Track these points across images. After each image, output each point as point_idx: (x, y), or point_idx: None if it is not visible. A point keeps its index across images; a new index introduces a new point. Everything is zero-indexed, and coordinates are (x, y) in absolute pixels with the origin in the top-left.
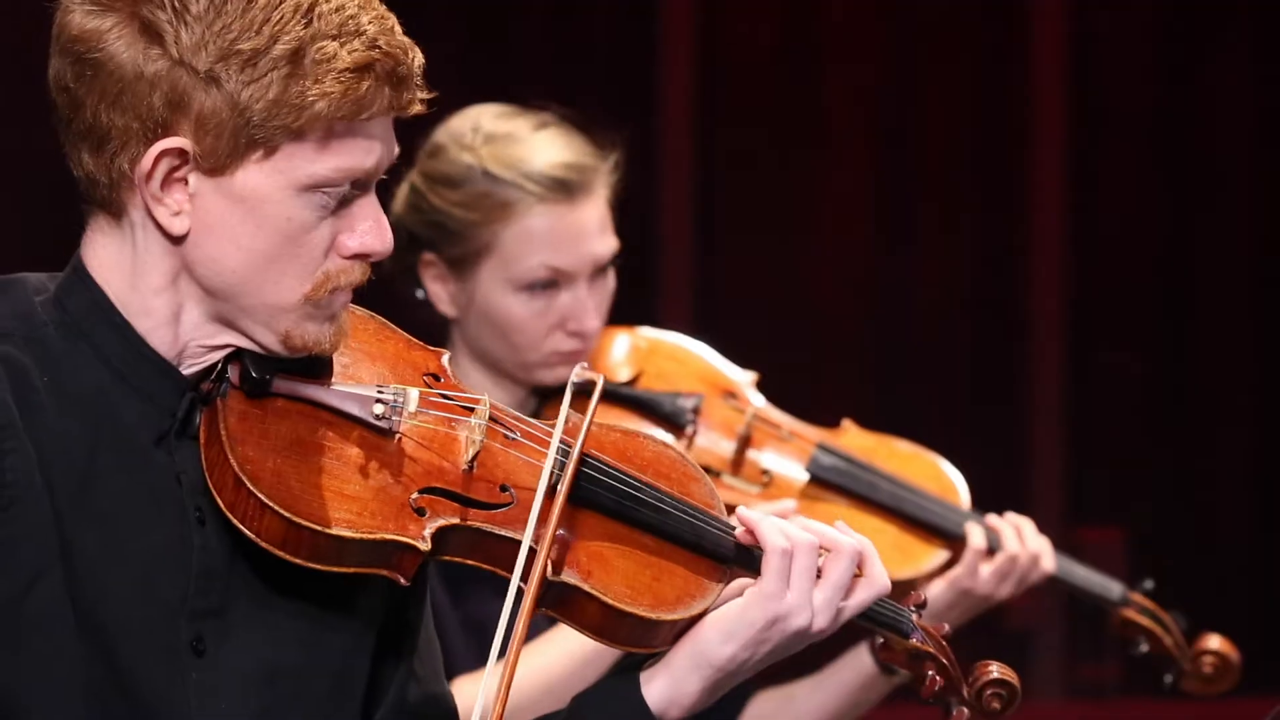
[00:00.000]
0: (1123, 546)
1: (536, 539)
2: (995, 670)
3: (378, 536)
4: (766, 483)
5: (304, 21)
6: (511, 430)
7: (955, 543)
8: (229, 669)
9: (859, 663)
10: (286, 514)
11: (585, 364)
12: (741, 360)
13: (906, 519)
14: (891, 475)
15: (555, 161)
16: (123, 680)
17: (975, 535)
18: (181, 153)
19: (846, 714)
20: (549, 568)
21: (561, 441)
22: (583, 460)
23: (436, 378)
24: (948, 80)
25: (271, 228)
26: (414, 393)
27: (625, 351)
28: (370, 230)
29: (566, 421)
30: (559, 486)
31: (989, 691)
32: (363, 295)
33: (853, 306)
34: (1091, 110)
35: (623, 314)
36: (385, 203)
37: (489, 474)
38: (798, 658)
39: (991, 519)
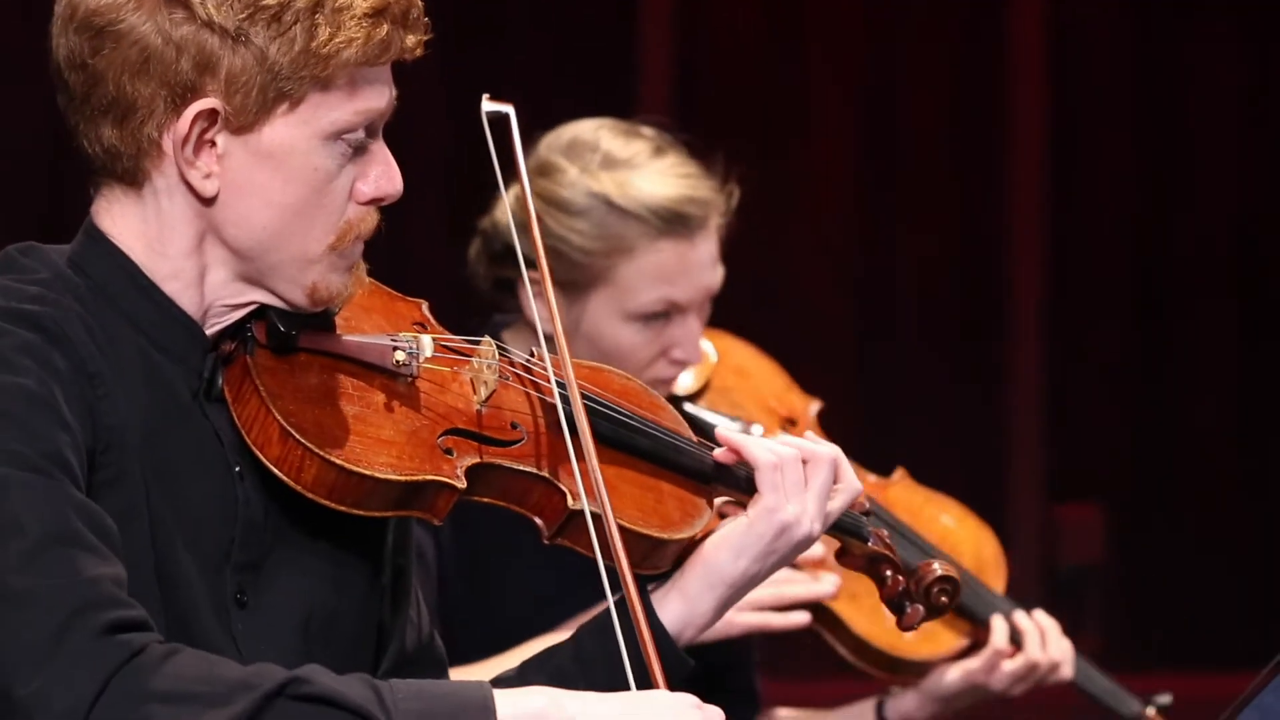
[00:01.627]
0: (1101, 524)
1: (583, 487)
2: (938, 567)
3: (419, 478)
4: None
5: None
6: (508, 371)
7: (979, 629)
8: (270, 618)
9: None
10: (337, 460)
11: (488, 95)
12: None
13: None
14: (930, 545)
15: (679, 196)
16: (185, 626)
17: (999, 634)
18: (212, 113)
19: None
20: (569, 498)
21: (557, 379)
22: (582, 396)
23: (423, 326)
24: (928, 64)
25: (300, 179)
26: (427, 339)
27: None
28: (383, 174)
29: (551, 353)
30: (561, 418)
31: (936, 589)
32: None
33: (833, 287)
34: (1071, 93)
35: None
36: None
37: (499, 413)
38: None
39: (1019, 616)
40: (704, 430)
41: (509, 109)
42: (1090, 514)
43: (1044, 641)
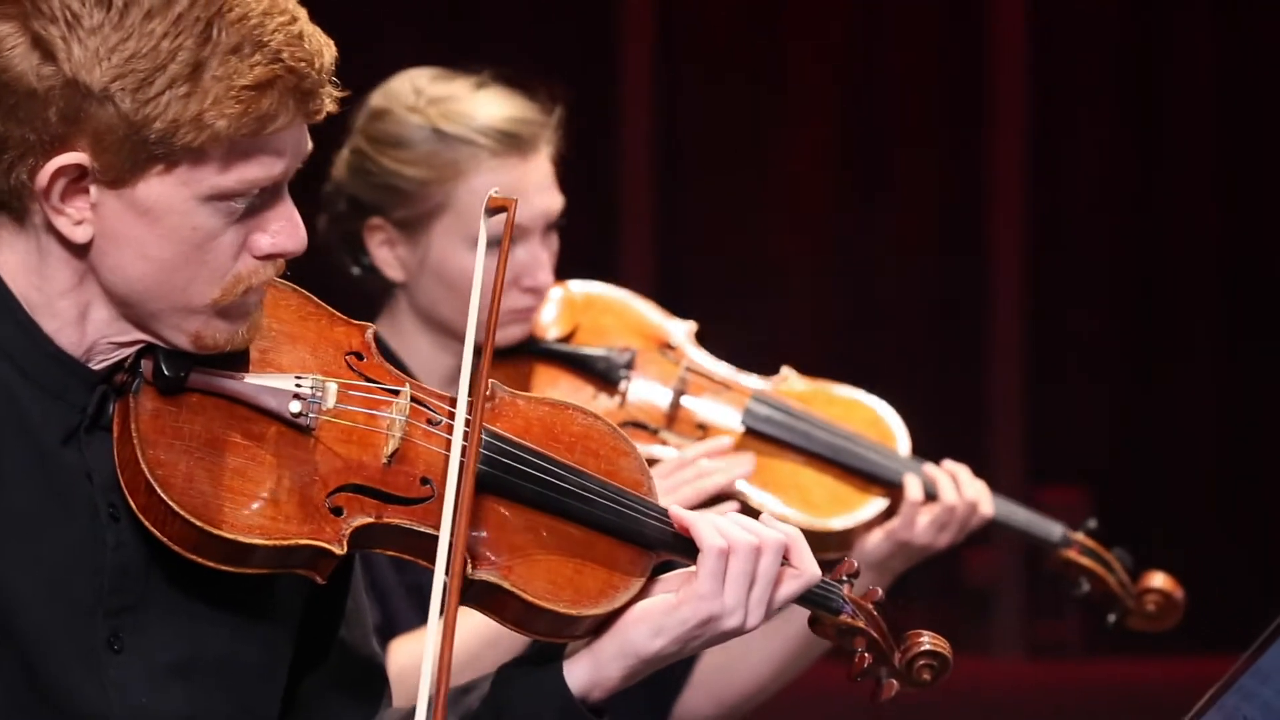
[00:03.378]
0: (1084, 507)
1: (446, 534)
2: (927, 641)
3: (290, 542)
4: (702, 436)
5: (203, 37)
6: (437, 415)
7: (894, 490)
8: (147, 664)
9: (801, 611)
10: (196, 522)
11: (496, 189)
12: (703, 313)
13: (843, 468)
14: (828, 423)
15: (504, 116)
16: (40, 684)
17: (912, 486)
18: (80, 167)
19: (798, 660)
20: (468, 565)
21: (471, 425)
22: (500, 450)
23: (360, 356)
24: (911, 35)
25: (177, 237)
26: (333, 386)
27: (559, 306)
28: (283, 230)
29: (477, 399)
30: (462, 478)
31: (920, 663)
32: (291, 269)
33: (814, 262)
34: (1053, 74)
35: (585, 268)
36: (323, 172)
37: (410, 466)
38: None
39: (928, 468)
40: (581, 364)
41: (512, 203)
42: (1074, 497)
43: (958, 484)
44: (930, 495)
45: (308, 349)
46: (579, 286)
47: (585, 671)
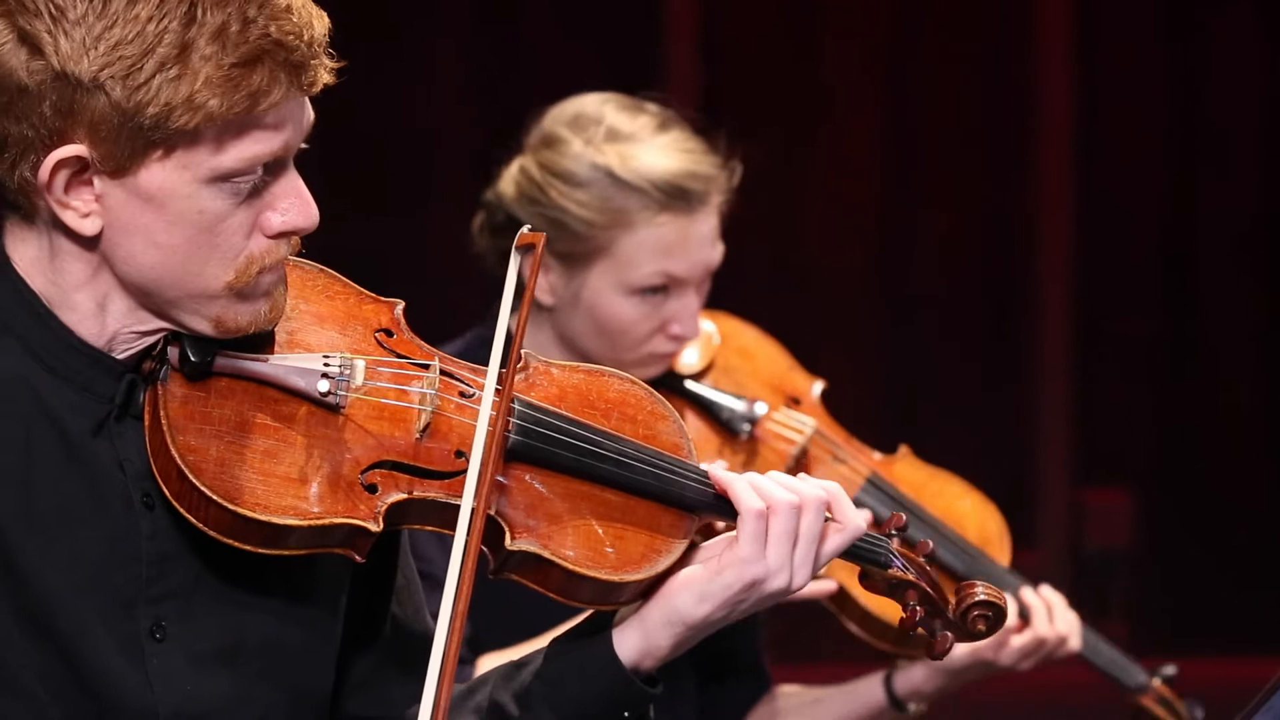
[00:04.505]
0: (1128, 508)
1: (481, 502)
2: (980, 591)
3: (326, 521)
4: None
5: (187, 18)
6: (469, 388)
7: None
8: (190, 651)
9: (872, 695)
10: (230, 506)
11: (529, 226)
12: (744, 312)
13: (942, 569)
14: (934, 519)
15: (681, 171)
16: (83, 678)
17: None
18: (80, 159)
19: None
20: (507, 535)
21: (503, 396)
22: (537, 420)
23: (390, 333)
24: (954, 43)
25: (184, 222)
26: (360, 364)
27: (699, 340)
28: (293, 207)
29: (506, 370)
30: (493, 447)
31: (975, 614)
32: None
33: (859, 267)
34: (1099, 77)
35: None
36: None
37: (443, 440)
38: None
39: (1025, 592)
40: (708, 408)
41: (541, 238)
42: (1117, 498)
43: (1051, 616)
44: (1023, 617)
45: (336, 328)
46: (722, 322)
47: (635, 641)
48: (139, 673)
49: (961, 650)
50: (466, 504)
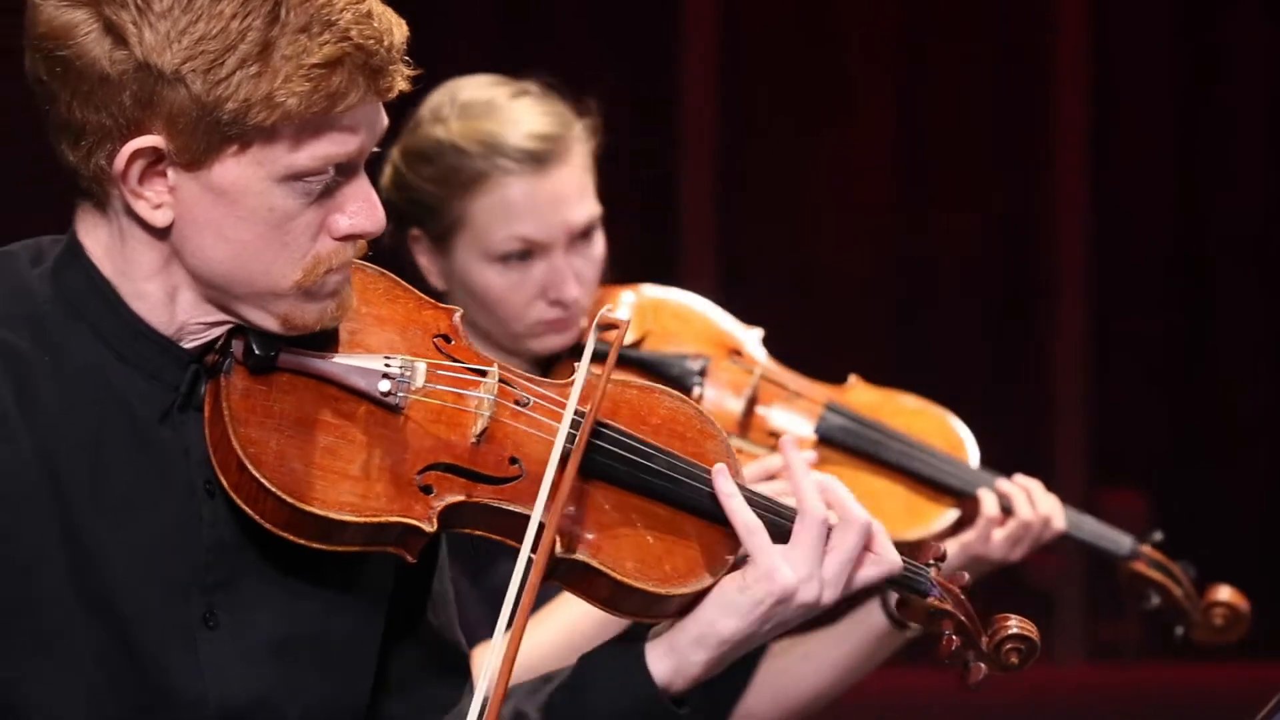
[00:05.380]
0: (1145, 511)
1: (547, 514)
2: (1014, 625)
3: (381, 519)
4: (775, 445)
5: (271, 17)
6: (525, 396)
7: (965, 501)
8: (242, 640)
9: (872, 619)
10: (288, 499)
11: (610, 306)
12: (763, 316)
13: (915, 478)
14: (899, 433)
15: (524, 133)
16: (136, 659)
17: (988, 501)
18: (155, 150)
19: (860, 667)
20: (557, 543)
21: (575, 410)
22: (595, 431)
23: (448, 339)
24: (970, 45)
25: (254, 218)
26: (421, 366)
27: (631, 311)
28: (360, 211)
29: (582, 386)
30: (569, 459)
31: (1008, 646)
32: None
33: (874, 269)
34: (1112, 73)
35: (647, 275)
36: (374, 179)
37: (498, 446)
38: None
39: (1001, 483)
40: (655, 370)
41: (626, 320)
42: (1134, 501)
43: (1031, 500)
44: (1004, 509)
45: (396, 331)
46: (650, 291)
47: (667, 660)
48: (191, 659)
49: (951, 550)
50: (536, 516)
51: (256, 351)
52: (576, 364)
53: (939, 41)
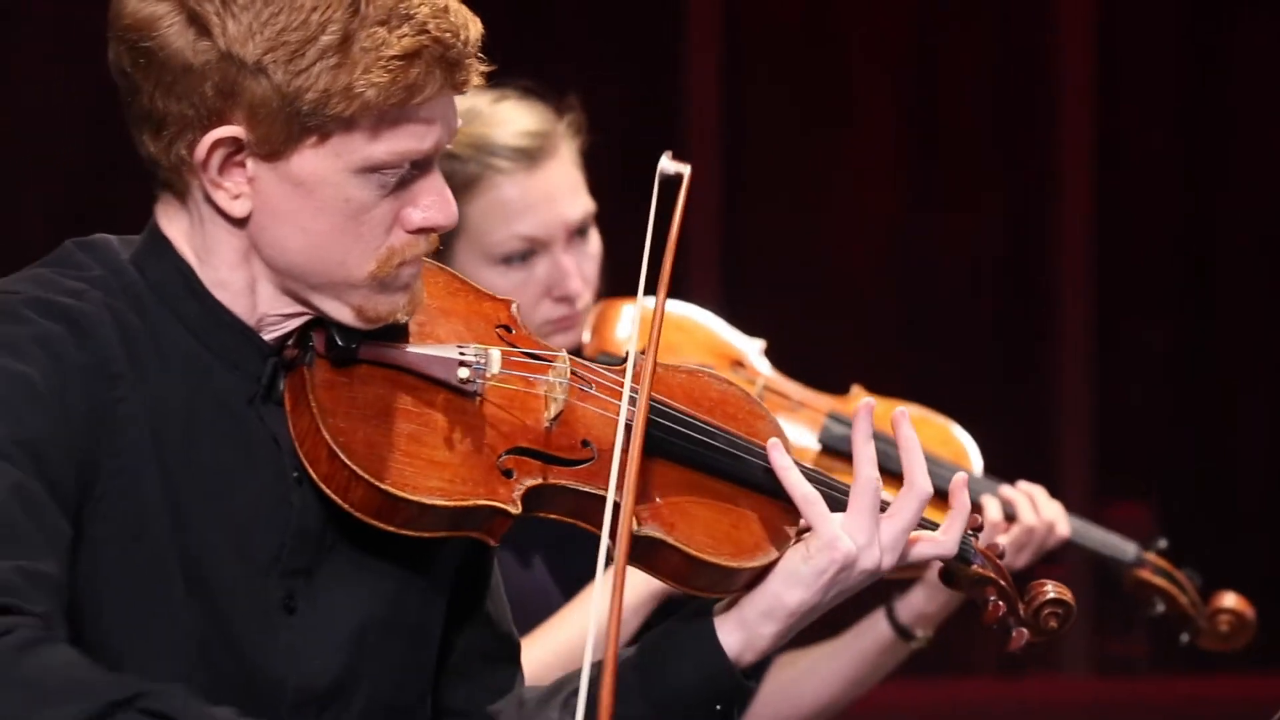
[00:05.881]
0: (1150, 523)
1: (619, 492)
2: (1051, 590)
3: (470, 503)
4: None
5: (352, 9)
6: (587, 383)
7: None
8: (318, 626)
9: (877, 630)
10: (382, 485)
11: (669, 153)
12: (765, 330)
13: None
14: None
15: (512, 131)
16: (225, 634)
17: (991, 508)
18: (236, 140)
19: (866, 679)
20: (633, 522)
21: (634, 390)
22: (657, 410)
23: (509, 328)
24: (973, 46)
25: (331, 209)
26: (496, 353)
27: (630, 323)
28: (434, 204)
29: (635, 364)
30: (632, 441)
31: (1046, 611)
32: None
33: (877, 276)
34: (1118, 81)
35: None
36: None
37: (570, 430)
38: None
39: (1005, 489)
40: None
41: (686, 170)
42: (1140, 513)
43: (1035, 506)
44: (1008, 516)
45: (461, 322)
46: (651, 303)
47: (736, 633)
48: (273, 642)
49: None
50: (610, 495)
51: (339, 343)
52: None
53: (943, 44)
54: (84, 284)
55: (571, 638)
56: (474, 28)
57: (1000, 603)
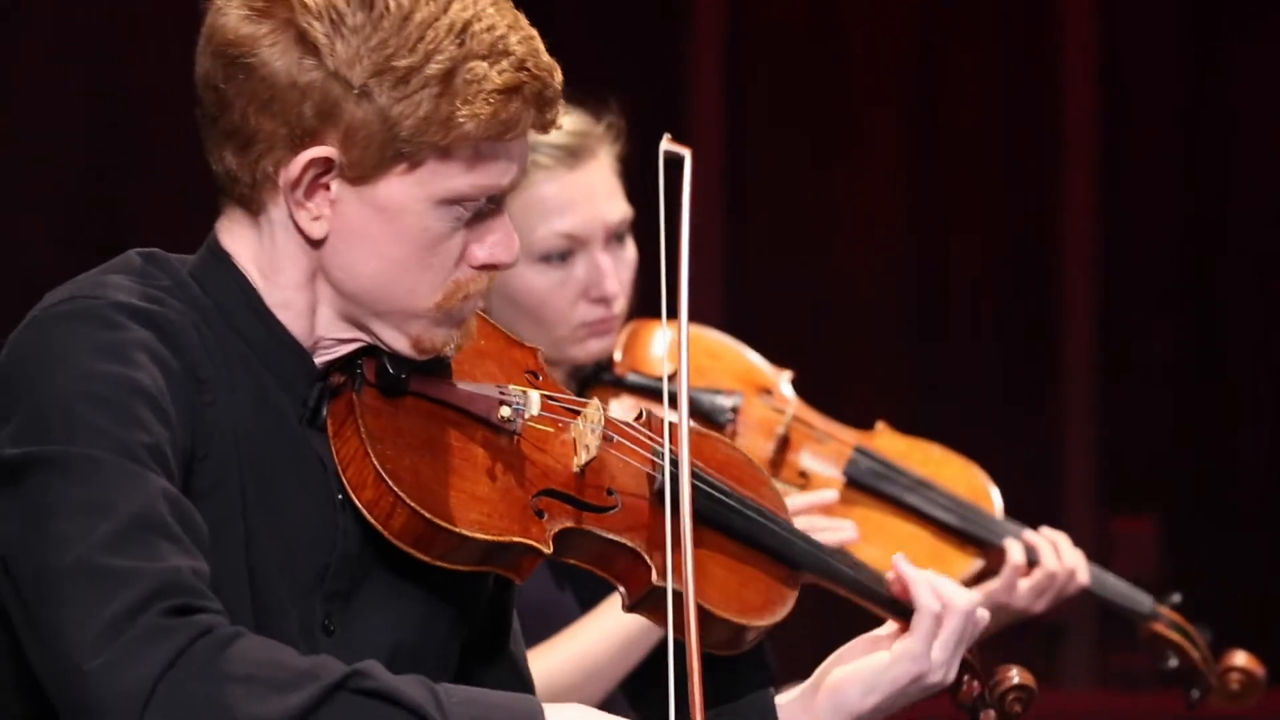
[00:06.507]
0: (1155, 537)
1: (670, 565)
2: (1016, 675)
3: (506, 539)
4: (804, 485)
5: (458, 41)
6: (611, 433)
7: (989, 551)
8: (353, 649)
9: None
10: (426, 513)
11: (669, 135)
12: (772, 351)
13: (941, 526)
14: (927, 480)
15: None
16: None
17: (1014, 552)
18: (327, 161)
19: None
20: (653, 573)
21: (663, 446)
22: (679, 467)
23: (536, 375)
24: (978, 68)
25: (408, 237)
26: (535, 396)
27: (662, 345)
28: (499, 243)
29: (664, 423)
30: (666, 494)
31: (1011, 696)
32: None
33: (884, 297)
34: (1123, 96)
35: (652, 296)
36: None
37: (596, 477)
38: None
39: (1028, 534)
40: (709, 415)
41: (686, 153)
42: (1145, 527)
43: (1058, 553)
44: (1030, 561)
45: (495, 364)
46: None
47: None
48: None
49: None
50: (669, 582)
51: (391, 371)
52: (613, 394)
53: (949, 63)
54: (161, 292)
55: (584, 649)
56: (559, 73)
57: (975, 683)
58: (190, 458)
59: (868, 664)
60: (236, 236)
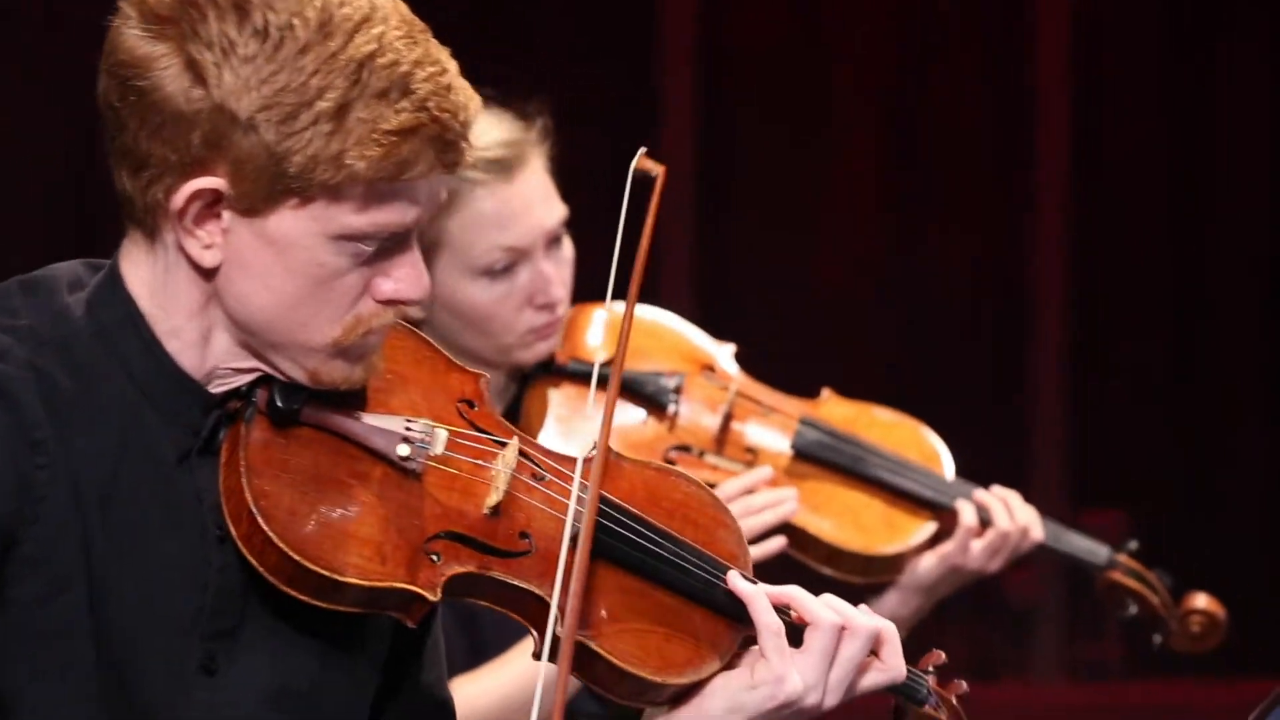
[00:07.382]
0: (1125, 530)
1: (556, 594)
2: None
3: (386, 585)
4: (751, 460)
5: (353, 78)
6: (542, 470)
7: (942, 513)
8: (238, 689)
9: None
10: (295, 556)
11: (644, 150)
12: (738, 336)
13: (893, 491)
14: (875, 446)
15: (484, 143)
16: (133, 696)
17: (966, 512)
18: (216, 192)
19: None
20: (557, 624)
21: (584, 489)
22: (606, 514)
23: (472, 404)
24: (953, 65)
25: (301, 272)
26: (442, 434)
27: (602, 329)
28: (406, 278)
29: (589, 457)
30: (579, 542)
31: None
32: None
33: (858, 291)
34: (1097, 93)
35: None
36: None
37: (510, 519)
38: None
39: (979, 494)
40: (631, 388)
41: (659, 172)
42: (1114, 520)
43: (1010, 511)
44: (983, 521)
45: (420, 393)
46: (620, 308)
47: None
48: (184, 705)
49: (929, 561)
50: (554, 603)
51: (280, 404)
52: (554, 384)
53: (928, 72)
54: (10, 339)
55: (503, 685)
56: (473, 107)
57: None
58: (12, 524)
59: (736, 678)
60: (134, 261)
